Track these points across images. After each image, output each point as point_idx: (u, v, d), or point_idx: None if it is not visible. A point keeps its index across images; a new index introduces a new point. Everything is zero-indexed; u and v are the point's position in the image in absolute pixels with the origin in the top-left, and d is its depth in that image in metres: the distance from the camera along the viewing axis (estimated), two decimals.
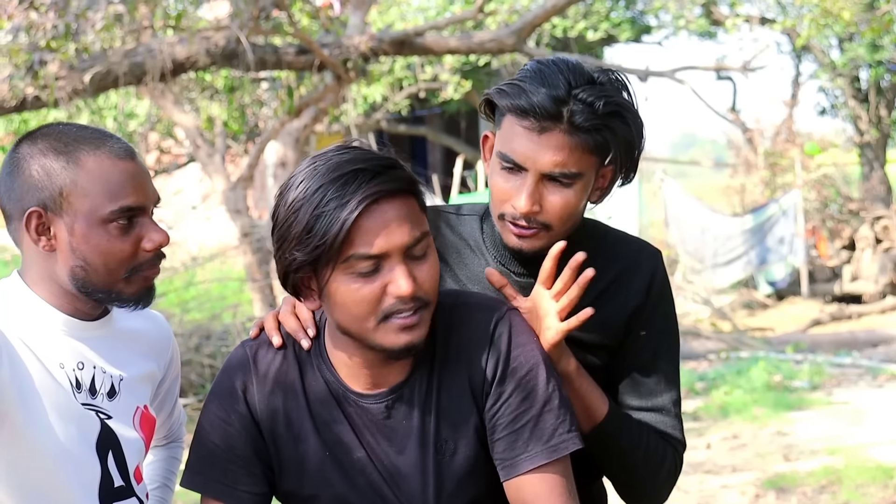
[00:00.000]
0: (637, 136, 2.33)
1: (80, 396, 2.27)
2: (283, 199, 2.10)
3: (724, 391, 10.28)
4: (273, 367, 2.26)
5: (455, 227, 2.50)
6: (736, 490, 7.25)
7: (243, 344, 2.32)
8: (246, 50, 8.63)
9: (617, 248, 2.47)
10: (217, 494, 2.25)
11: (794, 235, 17.19)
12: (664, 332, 2.47)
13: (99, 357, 2.33)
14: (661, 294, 2.46)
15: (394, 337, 2.09)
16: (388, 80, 17.15)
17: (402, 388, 2.21)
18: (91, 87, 8.55)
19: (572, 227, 2.36)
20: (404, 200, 2.08)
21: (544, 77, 2.27)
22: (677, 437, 2.45)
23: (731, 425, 9.11)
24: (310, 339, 2.26)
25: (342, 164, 2.06)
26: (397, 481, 2.22)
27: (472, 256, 2.47)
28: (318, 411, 2.23)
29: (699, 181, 31.00)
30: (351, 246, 2.03)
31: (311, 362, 2.25)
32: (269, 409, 2.24)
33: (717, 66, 17.69)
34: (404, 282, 2.05)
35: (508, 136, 2.30)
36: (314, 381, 2.24)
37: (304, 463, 2.24)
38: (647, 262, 2.46)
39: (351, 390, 2.22)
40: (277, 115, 10.91)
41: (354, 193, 2.02)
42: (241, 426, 2.25)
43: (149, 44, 8.82)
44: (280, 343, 2.27)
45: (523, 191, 2.28)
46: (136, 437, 2.37)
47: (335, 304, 2.10)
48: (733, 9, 19.19)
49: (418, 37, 9.97)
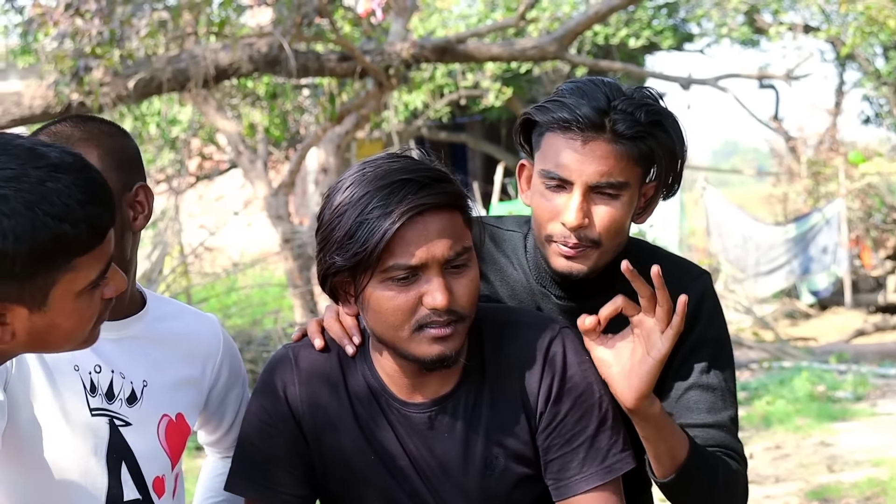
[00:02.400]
0: (679, 145, 2.31)
1: (95, 401, 2.21)
2: (329, 202, 2.10)
3: (766, 401, 10.20)
4: (316, 368, 2.25)
5: (498, 242, 2.47)
6: (779, 501, 7.18)
7: (286, 346, 2.31)
8: (289, 56, 8.66)
9: (664, 273, 2.43)
10: (258, 496, 2.24)
11: (838, 245, 17.03)
12: (720, 353, 2.40)
13: (121, 360, 2.26)
14: (710, 319, 2.40)
15: (426, 347, 2.08)
16: (429, 87, 17.17)
17: (446, 400, 2.19)
18: (135, 93, 8.61)
19: (620, 243, 2.32)
20: (449, 214, 2.07)
21: (583, 91, 2.26)
22: (741, 454, 2.40)
23: (774, 435, 9.03)
24: (355, 345, 2.24)
25: (391, 173, 2.05)
26: (440, 492, 2.21)
27: (513, 273, 2.44)
28: (362, 415, 2.22)
29: (741, 190, 30.84)
30: (390, 255, 2.03)
31: (354, 366, 2.24)
32: (312, 409, 2.23)
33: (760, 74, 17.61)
34: (440, 294, 2.04)
35: (552, 152, 2.27)
36: (357, 384, 2.23)
37: (348, 465, 2.22)
38: (693, 287, 2.39)
39: (394, 396, 2.21)
40: (319, 122, 10.95)
41: (399, 204, 2.01)
42: (282, 427, 2.23)
43: (192, 50, 8.86)
44: (322, 345, 2.26)
45: (571, 205, 2.24)
46: (156, 448, 2.30)
47: (371, 310, 2.10)
48: (777, 17, 19.09)
49: (460, 44, 9.97)
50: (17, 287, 1.66)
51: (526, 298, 2.41)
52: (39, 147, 1.69)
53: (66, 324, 1.74)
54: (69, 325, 1.75)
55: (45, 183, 1.65)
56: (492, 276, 2.44)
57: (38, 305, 1.69)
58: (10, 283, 1.65)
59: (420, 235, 2.03)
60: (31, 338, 1.73)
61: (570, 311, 2.36)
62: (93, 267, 1.72)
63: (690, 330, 2.36)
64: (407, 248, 2.03)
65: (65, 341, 1.79)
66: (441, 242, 2.04)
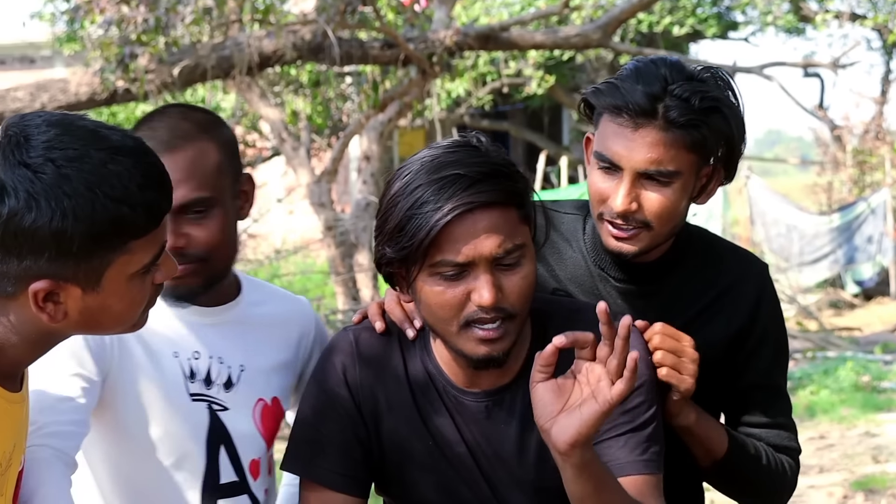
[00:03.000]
0: (737, 133, 2.27)
1: (194, 386, 2.25)
2: (388, 189, 2.09)
3: (810, 391, 10.14)
4: (376, 351, 2.24)
5: (557, 226, 2.46)
6: (823, 491, 7.14)
7: (346, 329, 2.31)
8: (332, 44, 8.66)
9: (723, 262, 2.41)
10: (316, 478, 2.23)
11: (883, 234, 16.88)
12: (777, 350, 2.43)
13: (218, 346, 2.30)
14: (771, 314, 2.40)
15: (473, 346, 2.07)
16: (472, 74, 17.16)
17: (504, 392, 2.19)
18: (179, 80, 8.63)
19: (674, 228, 2.30)
20: (501, 211, 2.03)
21: (640, 74, 2.23)
22: (795, 448, 2.44)
23: (818, 426, 8.97)
24: (415, 329, 2.24)
25: (445, 166, 2.03)
26: (496, 482, 2.20)
27: (572, 257, 2.43)
28: (421, 399, 2.21)
29: (784, 179, 30.60)
30: (438, 251, 2.01)
31: (414, 351, 2.24)
32: (371, 392, 2.23)
33: (806, 62, 17.46)
34: (487, 292, 2.02)
35: (604, 136, 2.26)
36: (416, 369, 2.22)
37: (405, 450, 2.22)
38: (755, 279, 2.39)
39: (452, 383, 2.20)
40: (362, 110, 10.95)
41: (449, 200, 1.99)
42: (341, 409, 2.23)
43: (237, 38, 8.89)
44: (383, 328, 2.25)
45: (619, 190, 2.23)
46: (252, 431, 2.33)
47: (421, 301, 2.09)
48: (822, 4, 18.92)
49: (503, 31, 9.93)
50: (74, 266, 1.68)
51: (584, 280, 2.40)
52: (102, 129, 1.71)
53: (118, 306, 1.77)
54: (120, 308, 1.77)
55: (106, 165, 1.67)
56: (549, 258, 2.43)
57: (92, 286, 1.72)
58: (67, 262, 1.67)
59: (468, 233, 2.01)
60: (82, 318, 1.75)
61: (628, 294, 2.36)
62: (147, 251, 1.74)
63: (753, 323, 2.36)
64: (454, 245, 2.01)
65: (115, 323, 1.81)
66: (490, 240, 2.02)
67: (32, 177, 1.64)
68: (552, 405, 1.94)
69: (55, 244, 1.66)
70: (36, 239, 1.65)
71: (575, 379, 1.96)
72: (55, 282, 1.69)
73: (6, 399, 1.78)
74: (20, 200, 1.64)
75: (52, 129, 1.68)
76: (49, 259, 1.67)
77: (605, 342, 1.93)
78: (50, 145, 1.67)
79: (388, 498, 2.34)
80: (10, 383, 1.80)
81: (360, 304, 10.01)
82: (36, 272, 1.68)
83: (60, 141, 1.67)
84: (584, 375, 1.95)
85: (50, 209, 1.64)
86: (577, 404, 1.93)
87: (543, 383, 1.95)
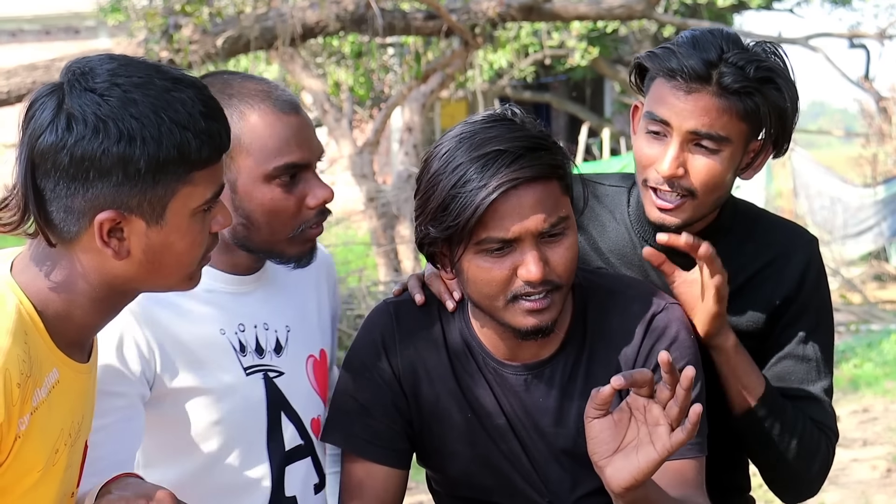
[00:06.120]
0: (791, 107, 2.26)
1: (246, 359, 2.23)
2: (427, 167, 2.09)
3: (853, 364, 10.07)
4: (416, 324, 2.26)
5: (601, 198, 2.45)
6: (867, 464, 7.11)
7: (385, 301, 2.32)
8: (375, 15, 8.66)
9: (769, 235, 2.40)
10: (356, 449, 2.25)
11: None
12: (820, 322, 2.41)
13: (260, 313, 2.28)
14: (816, 286, 2.39)
15: (521, 318, 2.08)
16: (514, 46, 17.06)
17: (543, 366, 2.20)
18: (223, 51, 8.66)
19: (718, 199, 2.29)
20: (545, 185, 2.04)
21: (697, 42, 2.23)
22: (831, 427, 2.40)
23: (862, 399, 8.92)
24: (455, 301, 2.25)
25: (486, 142, 2.02)
26: (534, 454, 2.21)
27: (615, 229, 2.43)
28: (461, 372, 2.22)
29: (828, 152, 30.36)
30: (484, 229, 2.02)
31: (453, 323, 2.25)
32: (412, 364, 2.24)
33: (852, 33, 17.24)
34: (534, 267, 2.03)
35: (656, 97, 2.25)
36: (455, 341, 2.24)
37: (445, 420, 2.23)
38: (801, 251, 2.39)
39: (491, 356, 2.21)
40: (404, 81, 10.95)
41: (493, 178, 1.99)
42: (382, 381, 2.25)
43: (280, 8, 8.89)
44: (422, 300, 2.27)
45: (668, 154, 2.22)
46: (308, 390, 2.33)
47: (467, 279, 2.10)
48: None
49: (546, 2, 9.88)
50: (139, 195, 1.70)
51: (627, 252, 2.40)
52: (160, 64, 1.76)
53: (180, 244, 1.77)
54: (181, 246, 1.78)
55: (170, 92, 1.71)
56: (591, 229, 2.43)
57: (156, 219, 1.73)
58: (132, 189, 1.70)
59: (514, 209, 2.01)
60: (145, 257, 1.76)
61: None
62: (208, 185, 1.77)
63: (796, 296, 2.35)
64: (501, 223, 2.01)
65: (176, 266, 1.80)
66: (536, 216, 2.02)
67: (100, 100, 1.68)
68: (608, 444, 1.95)
69: (122, 168, 1.68)
70: (104, 163, 1.67)
71: (631, 415, 1.96)
72: (120, 212, 1.71)
73: (74, 370, 1.80)
74: (88, 125, 1.67)
75: (114, 62, 1.73)
76: (116, 185, 1.69)
77: (667, 387, 1.92)
78: (115, 72, 1.71)
79: (429, 469, 2.36)
80: (79, 353, 1.82)
81: (402, 275, 10.03)
82: (101, 203, 1.70)
83: (125, 69, 1.71)
84: (640, 413, 1.95)
85: (118, 131, 1.67)
86: (633, 444, 1.94)
87: (599, 420, 1.96)
